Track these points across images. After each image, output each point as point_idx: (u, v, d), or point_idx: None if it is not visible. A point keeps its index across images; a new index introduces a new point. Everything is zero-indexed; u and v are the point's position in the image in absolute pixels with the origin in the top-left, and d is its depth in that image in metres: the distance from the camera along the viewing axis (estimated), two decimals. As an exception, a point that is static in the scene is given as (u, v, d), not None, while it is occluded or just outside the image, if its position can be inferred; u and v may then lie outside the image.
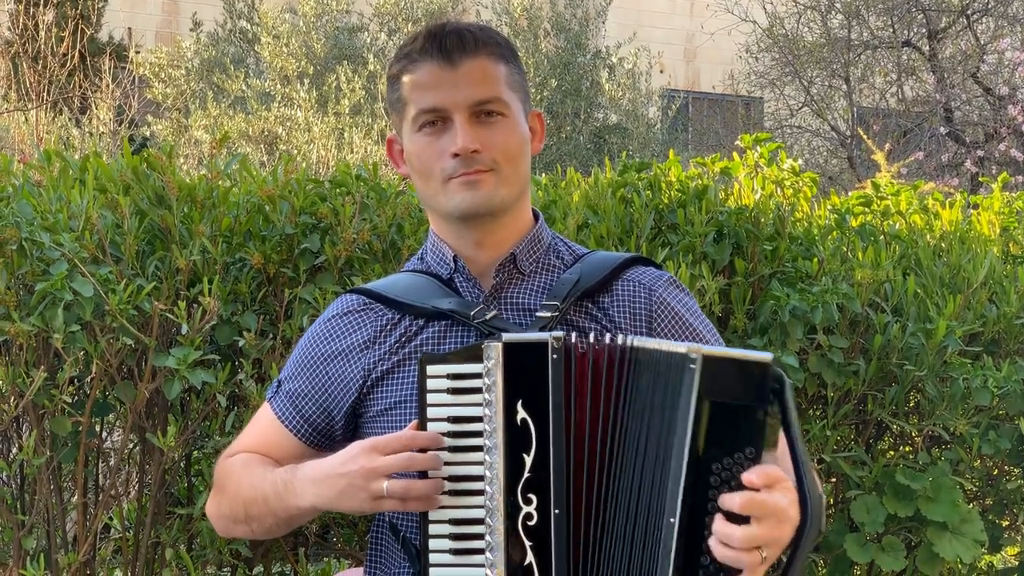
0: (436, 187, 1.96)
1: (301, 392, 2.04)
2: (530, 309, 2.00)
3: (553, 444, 1.74)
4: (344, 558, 3.36)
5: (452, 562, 1.75)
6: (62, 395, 2.78)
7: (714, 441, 1.66)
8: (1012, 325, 3.47)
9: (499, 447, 1.73)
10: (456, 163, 1.92)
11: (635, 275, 2.06)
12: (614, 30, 14.47)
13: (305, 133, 10.69)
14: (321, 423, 2.04)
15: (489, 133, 1.94)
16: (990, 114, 12.38)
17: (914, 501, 3.26)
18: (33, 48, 10.50)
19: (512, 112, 1.98)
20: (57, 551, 2.97)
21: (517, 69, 2.03)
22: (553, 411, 1.74)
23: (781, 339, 3.18)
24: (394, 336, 2.00)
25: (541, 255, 2.07)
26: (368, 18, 13.01)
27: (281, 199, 3.03)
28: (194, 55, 12.72)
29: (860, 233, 3.52)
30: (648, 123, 13.43)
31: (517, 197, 2.01)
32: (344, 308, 2.06)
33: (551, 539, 1.73)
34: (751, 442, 1.65)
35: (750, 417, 1.66)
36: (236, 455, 2.07)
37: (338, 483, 1.82)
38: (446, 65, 1.94)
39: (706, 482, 1.66)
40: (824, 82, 13.53)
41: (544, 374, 1.75)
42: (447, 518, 1.77)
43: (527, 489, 1.73)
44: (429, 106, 1.94)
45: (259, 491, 1.95)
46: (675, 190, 3.41)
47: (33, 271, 2.73)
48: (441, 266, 2.05)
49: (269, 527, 1.99)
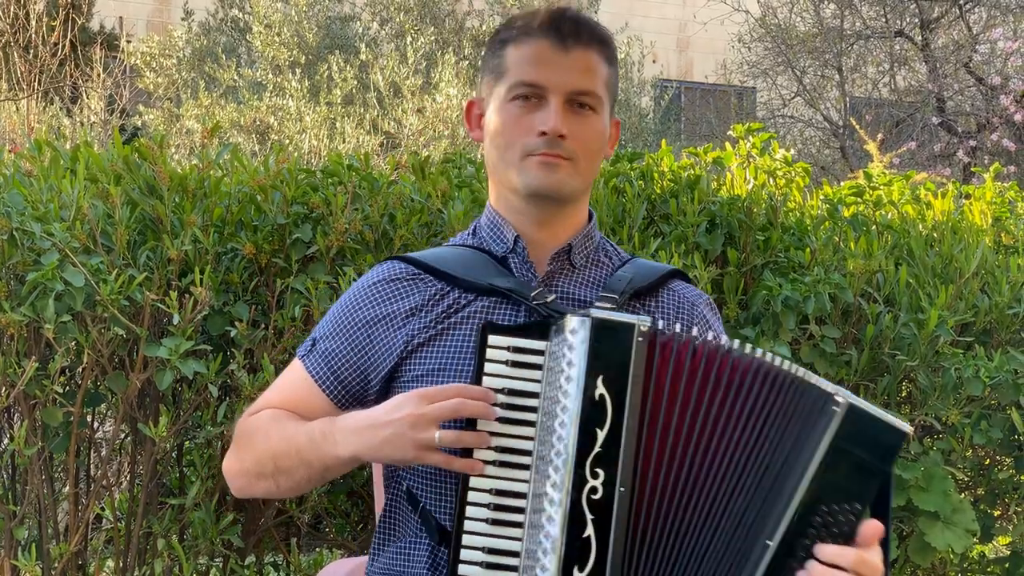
0: (514, 159, 1.98)
1: (339, 352, 2.04)
2: (580, 300, 2.03)
3: (627, 423, 1.73)
4: (336, 548, 3.36)
5: (488, 531, 1.75)
6: (53, 385, 2.77)
7: (833, 486, 1.71)
8: (1004, 315, 3.47)
9: (574, 419, 1.73)
10: (541, 142, 1.94)
11: (679, 288, 2.11)
12: (606, 19, 14.45)
13: (297, 123, 10.67)
14: (356, 386, 2.03)
15: (578, 123, 1.97)
16: (982, 104, 12.38)
17: (906, 491, 3.27)
18: (24, 37, 10.46)
19: (602, 110, 2.01)
20: (49, 541, 2.97)
21: (615, 74, 2.07)
22: (631, 391, 1.74)
23: (773, 329, 3.18)
24: (441, 307, 2.00)
25: (591, 251, 2.10)
26: (360, 7, 12.98)
27: (273, 189, 3.03)
28: (185, 44, 12.69)
29: (852, 223, 3.52)
30: (640, 113, 13.42)
31: (584, 191, 2.05)
32: (390, 275, 2.06)
33: (613, 515, 1.72)
34: (863, 497, 1.71)
35: (872, 475, 1.72)
36: (262, 411, 2.06)
37: (383, 431, 1.80)
38: (558, 46, 1.97)
39: (810, 521, 1.70)
40: (817, 72, 13.53)
41: (627, 355, 1.75)
42: (489, 487, 1.76)
43: (596, 463, 1.73)
44: (531, 79, 1.97)
45: (292, 443, 1.94)
46: (667, 180, 3.41)
47: (24, 261, 2.72)
48: (497, 243, 2.06)
49: (299, 480, 1.96)
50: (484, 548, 1.75)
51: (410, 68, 11.10)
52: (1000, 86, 11.98)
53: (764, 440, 1.75)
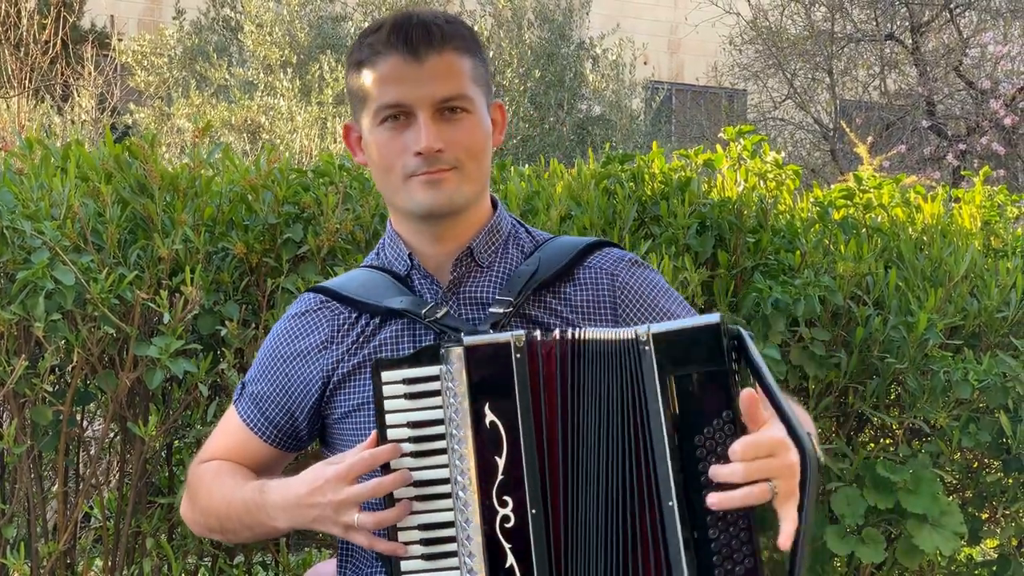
0: (396, 183, 1.93)
1: (264, 394, 2.03)
2: (488, 303, 1.98)
3: (524, 444, 1.71)
4: (325, 548, 3.36)
5: (424, 567, 1.73)
6: (43, 384, 2.77)
7: (689, 415, 1.66)
8: (993, 318, 3.48)
9: (469, 452, 1.71)
10: (419, 162, 1.89)
11: (597, 261, 2.03)
12: (598, 21, 14.46)
13: (288, 122, 10.66)
14: (285, 425, 2.03)
15: (453, 131, 1.90)
16: (972, 108, 12.40)
17: (894, 493, 3.28)
18: (15, 35, 10.43)
19: (476, 108, 1.94)
20: (37, 540, 2.96)
21: (481, 61, 1.99)
22: (521, 411, 1.72)
23: (763, 331, 3.19)
24: (351, 336, 1.98)
25: (500, 245, 2.04)
26: (352, 7, 12.97)
27: (264, 188, 3.02)
28: (177, 43, 12.67)
29: (842, 226, 3.52)
30: (631, 115, 13.42)
31: (479, 194, 1.99)
32: (303, 308, 2.04)
33: (531, 539, 1.71)
34: (727, 405, 1.64)
35: (717, 381, 1.65)
36: (206, 463, 2.06)
37: (310, 512, 1.80)
38: (411, 59, 1.89)
39: (693, 457, 1.65)
40: (807, 75, 13.54)
41: (509, 375, 1.72)
42: (416, 524, 1.74)
43: (502, 491, 1.71)
44: (392, 101, 1.90)
45: (231, 508, 1.94)
46: (658, 182, 3.41)
47: (14, 259, 2.72)
48: (398, 263, 2.03)
49: (246, 537, 2.00)
50: None
51: (401, 68, 11.07)
52: (990, 90, 12.01)
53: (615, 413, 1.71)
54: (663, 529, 1.67)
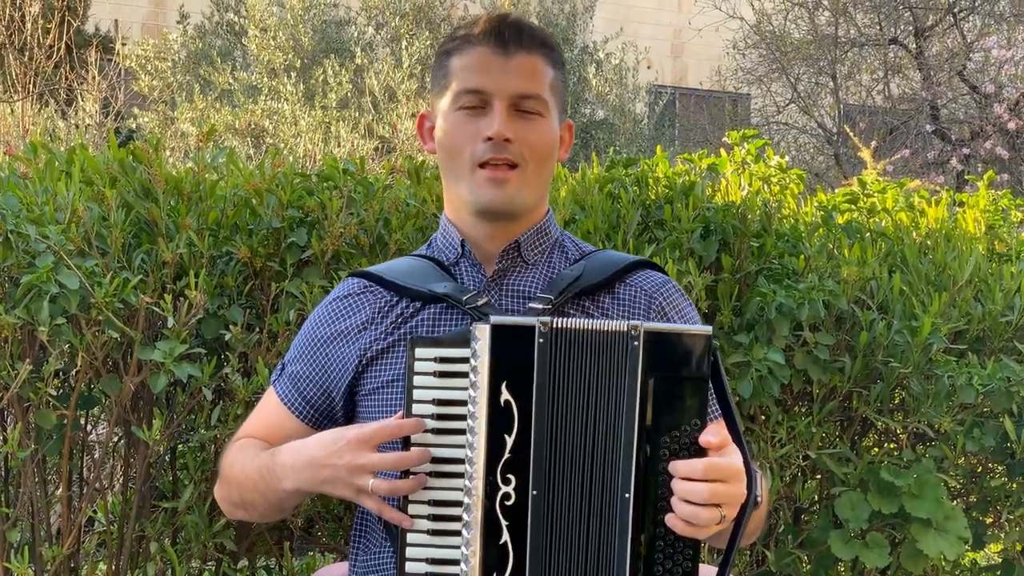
0: (462, 170, 1.99)
1: (303, 374, 2.08)
2: (530, 298, 2.03)
3: (535, 426, 1.75)
4: (329, 552, 3.36)
5: (430, 542, 1.77)
6: (47, 388, 2.77)
7: (662, 414, 1.72)
8: (997, 323, 3.48)
9: (481, 427, 1.75)
10: (487, 147, 1.95)
11: (639, 280, 2.09)
12: (601, 25, 14.47)
13: (292, 127, 10.66)
14: (322, 404, 2.07)
15: (524, 128, 1.97)
16: (976, 112, 12.41)
17: (898, 498, 3.27)
18: (19, 39, 10.45)
19: (549, 114, 2.01)
20: (41, 544, 2.96)
21: (562, 78, 2.06)
22: (537, 393, 1.76)
23: (767, 336, 3.19)
24: (390, 318, 2.03)
25: (547, 247, 2.10)
26: (356, 12, 12.98)
27: (268, 193, 3.03)
28: (181, 47, 12.68)
29: (846, 230, 3.52)
30: (635, 119, 13.42)
31: (537, 202, 2.05)
32: (345, 291, 2.10)
33: (528, 520, 1.75)
34: (698, 414, 1.71)
35: (694, 389, 1.72)
36: (239, 440, 2.11)
37: (322, 472, 1.83)
38: (499, 52, 1.98)
39: (657, 456, 1.71)
40: (811, 79, 13.55)
41: (530, 357, 1.76)
42: (427, 499, 1.78)
43: (507, 469, 1.75)
44: (473, 87, 1.97)
45: (250, 477, 1.98)
46: (662, 186, 3.41)
47: (19, 263, 2.72)
48: (449, 250, 2.08)
49: (263, 511, 2.03)
50: (427, 559, 1.77)
51: (405, 73, 11.11)
52: (994, 94, 12.01)
53: (596, 402, 1.76)
54: (615, 520, 1.73)
